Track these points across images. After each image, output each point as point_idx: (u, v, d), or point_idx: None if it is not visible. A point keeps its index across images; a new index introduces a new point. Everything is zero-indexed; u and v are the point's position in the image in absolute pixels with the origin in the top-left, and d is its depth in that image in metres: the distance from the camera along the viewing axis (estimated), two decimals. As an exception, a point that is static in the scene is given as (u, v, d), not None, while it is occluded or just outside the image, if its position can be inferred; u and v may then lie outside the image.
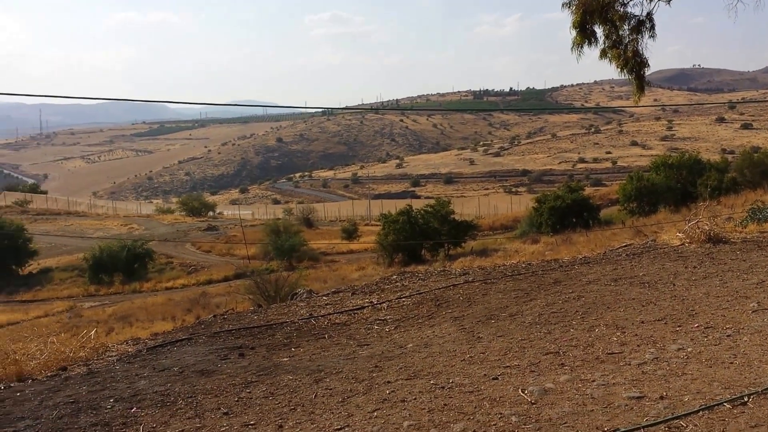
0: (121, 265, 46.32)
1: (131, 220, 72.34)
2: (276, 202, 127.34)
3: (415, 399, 4.67)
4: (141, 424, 4.55)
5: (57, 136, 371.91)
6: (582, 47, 11.74)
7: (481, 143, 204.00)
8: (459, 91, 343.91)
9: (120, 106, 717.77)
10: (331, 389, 5.06)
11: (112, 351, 6.81)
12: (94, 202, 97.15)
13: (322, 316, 7.96)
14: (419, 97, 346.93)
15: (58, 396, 5.28)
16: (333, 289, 10.26)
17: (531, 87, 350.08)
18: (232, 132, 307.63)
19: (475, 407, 4.41)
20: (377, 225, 51.23)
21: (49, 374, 6.05)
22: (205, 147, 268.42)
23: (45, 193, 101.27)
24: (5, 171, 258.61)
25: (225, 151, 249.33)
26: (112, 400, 5.06)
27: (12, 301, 43.99)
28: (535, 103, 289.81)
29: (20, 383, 5.81)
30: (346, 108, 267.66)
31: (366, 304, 8.41)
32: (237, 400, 4.96)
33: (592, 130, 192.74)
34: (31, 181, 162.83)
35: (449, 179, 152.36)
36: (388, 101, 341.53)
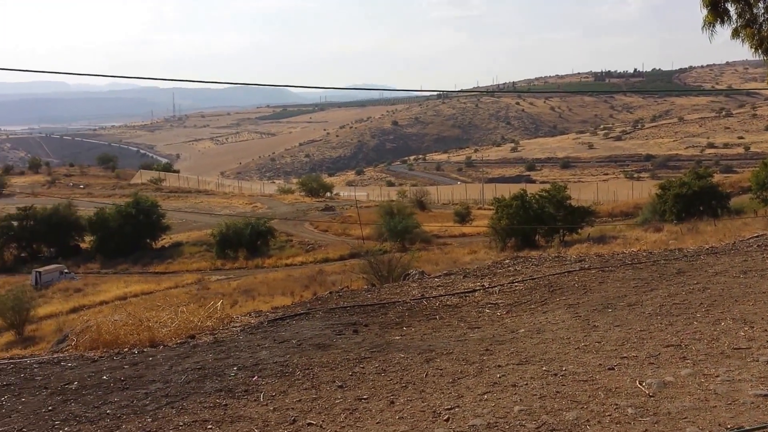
0: (245, 242, 48.40)
1: (255, 199, 75.47)
2: (390, 184, 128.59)
3: (526, 384, 4.64)
4: (261, 392, 4.80)
5: (188, 119, 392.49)
6: (714, 26, 11.00)
7: (602, 126, 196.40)
8: (579, 73, 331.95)
9: (246, 90, 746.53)
10: (441, 369, 5.12)
11: (236, 322, 7.19)
12: (222, 182, 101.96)
13: (433, 297, 8.03)
14: (537, 79, 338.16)
15: (187, 362, 5.65)
16: (445, 272, 10.31)
17: (657, 68, 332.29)
18: (350, 115, 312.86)
19: (590, 396, 4.33)
20: (490, 209, 50.65)
21: (178, 341, 6.47)
22: (324, 130, 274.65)
23: (177, 172, 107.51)
24: (142, 151, 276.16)
25: (342, 134, 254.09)
26: (235, 368, 5.37)
27: (146, 272, 47.12)
28: (660, 85, 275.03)
29: (152, 349, 6.25)
30: (462, 91, 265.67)
31: (478, 288, 8.39)
32: (351, 375, 5.13)
33: (723, 113, 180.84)
34: (164, 160, 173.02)
35: (566, 164, 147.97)
36: (504, 84, 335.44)
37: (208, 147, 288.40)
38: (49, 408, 4.67)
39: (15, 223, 53.47)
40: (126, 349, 6.21)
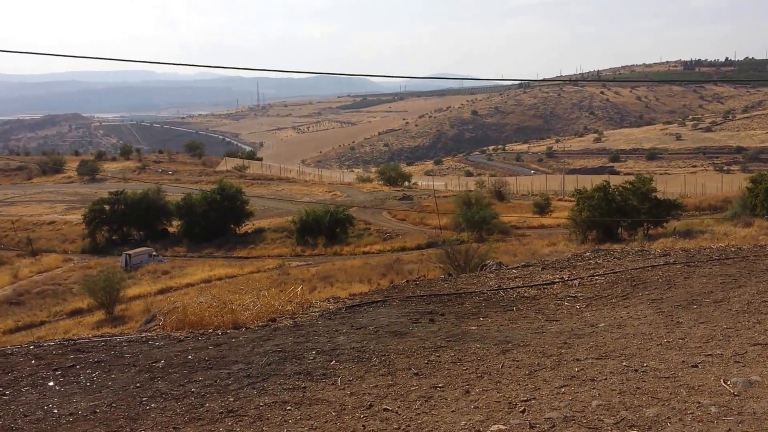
0: (325, 229, 49.14)
1: (334, 188, 76.47)
2: (468, 174, 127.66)
3: (605, 379, 4.56)
4: (339, 377, 4.90)
5: (272, 108, 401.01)
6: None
7: (690, 117, 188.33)
8: (667, 62, 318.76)
9: (328, 80, 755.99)
10: (518, 361, 5.08)
11: (315, 307, 7.35)
12: (303, 170, 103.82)
13: (510, 288, 7.95)
14: (622, 68, 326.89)
15: (268, 344, 5.82)
16: (523, 263, 10.18)
17: (750, 57, 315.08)
18: (429, 105, 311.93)
19: (671, 394, 4.21)
20: (571, 200, 49.61)
21: (260, 324, 6.66)
22: (403, 119, 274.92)
23: (260, 160, 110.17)
24: (227, 139, 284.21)
25: (422, 123, 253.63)
26: (314, 352, 5.49)
27: (230, 257, 48.57)
28: (753, 74, 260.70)
29: (235, 330, 6.46)
30: (544, 80, 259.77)
31: (556, 280, 8.26)
32: (426, 363, 5.16)
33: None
34: (248, 148, 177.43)
35: (652, 155, 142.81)
36: (588, 72, 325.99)
37: (290, 135, 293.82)
38: (137, 385, 4.91)
39: (107, 207, 56.07)
40: (210, 330, 6.45)
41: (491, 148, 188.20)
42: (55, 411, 4.46)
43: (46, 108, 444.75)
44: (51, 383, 5.03)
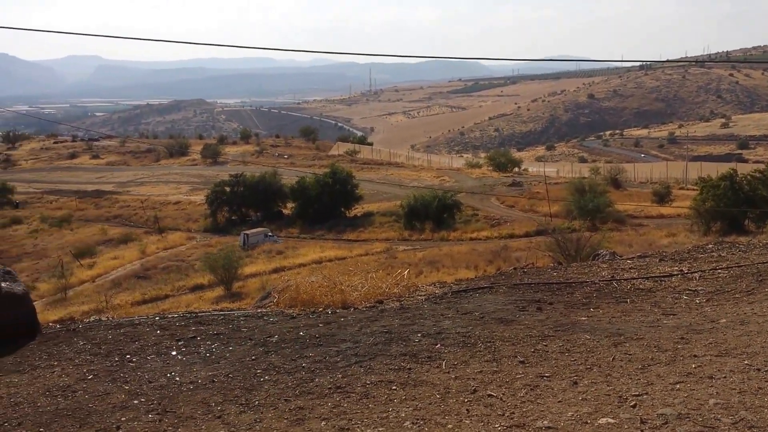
0: (432, 214, 49.20)
1: (443, 173, 76.35)
2: (582, 160, 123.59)
3: (724, 377, 4.33)
4: (444, 360, 4.93)
5: (383, 93, 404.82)
6: None
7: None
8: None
9: (439, 64, 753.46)
10: (630, 354, 4.92)
11: (422, 291, 7.41)
12: (412, 155, 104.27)
13: (624, 279, 7.68)
14: (754, 48, 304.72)
15: (375, 325, 5.94)
16: (639, 254, 9.80)
17: None
18: (543, 88, 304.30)
19: (797, 396, 3.95)
20: (694, 189, 47.07)
21: (367, 305, 6.80)
22: (515, 104, 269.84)
23: (371, 144, 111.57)
24: (339, 124, 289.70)
25: (534, 107, 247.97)
26: (419, 335, 5.55)
27: (340, 239, 49.63)
28: None
29: (344, 310, 6.63)
30: (667, 61, 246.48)
31: (675, 272, 7.90)
32: (533, 351, 5.09)
33: None
34: (359, 133, 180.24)
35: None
36: (716, 54, 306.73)
37: (400, 120, 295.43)
38: (253, 357, 5.15)
39: (227, 189, 58.72)
40: (321, 309, 6.65)
41: (608, 133, 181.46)
42: (177, 379, 4.76)
43: (174, 94, 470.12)
44: (174, 353, 5.37)
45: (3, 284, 5.95)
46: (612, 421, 3.75)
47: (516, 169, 79.45)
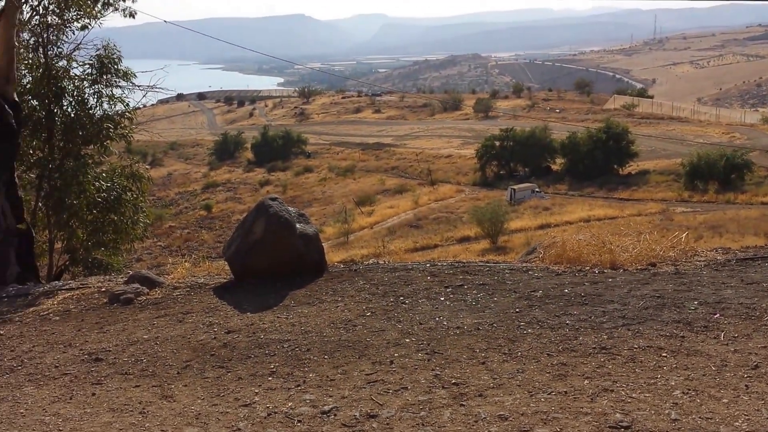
0: (718, 174, 45.05)
1: (733, 129, 68.70)
2: None
3: None
4: (722, 331, 4.57)
5: (668, 41, 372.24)
6: None
7: None
8: None
9: (735, 8, 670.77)
10: None
11: (701, 256, 6.86)
12: (697, 108, 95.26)
13: None
14: None
15: (645, 289, 5.68)
16: None
17: None
18: None
19: None
20: None
21: (638, 267, 6.50)
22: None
23: (651, 97, 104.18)
24: (617, 76, 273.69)
25: None
26: (695, 303, 5.19)
27: (610, 197, 47.63)
28: None
29: (612, 271, 6.42)
30: None
31: None
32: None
33: None
34: (639, 85, 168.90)
35: None
36: None
37: (686, 71, 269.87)
38: (516, 310, 5.27)
39: (497, 144, 59.30)
40: (587, 268, 6.52)
41: None
42: (445, 323, 5.07)
43: (450, 49, 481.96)
44: (442, 298, 5.70)
45: (298, 225, 6.77)
46: None
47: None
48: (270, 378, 4.33)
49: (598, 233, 7.48)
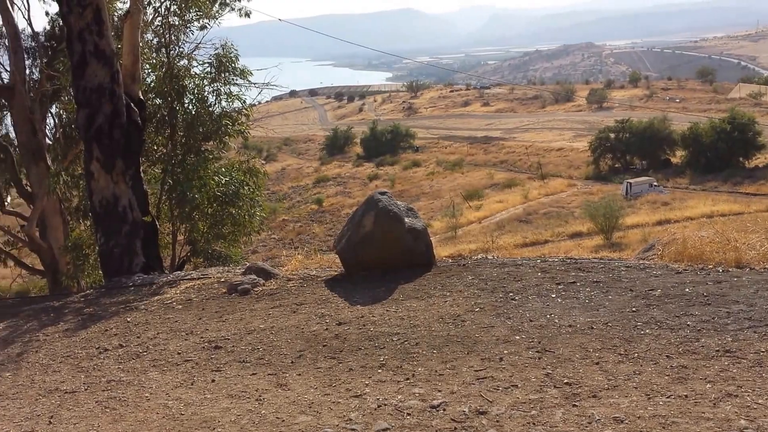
0: None
1: None
2: None
3: None
4: None
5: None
6: None
7: None
8: None
9: None
10: None
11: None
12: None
13: None
14: None
15: (776, 289, 5.31)
16: None
17: None
18: None
19: None
20: None
21: (766, 267, 6.10)
22: None
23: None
24: (742, 63, 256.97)
25: None
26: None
27: (736, 192, 45.01)
28: None
29: (738, 270, 6.04)
30: None
31: None
32: None
33: None
34: (766, 73, 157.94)
35: None
36: None
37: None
38: (633, 309, 5.06)
39: (612, 135, 57.29)
40: (710, 266, 6.18)
41: None
42: (556, 321, 4.95)
43: (563, 38, 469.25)
44: (553, 295, 5.57)
45: (406, 219, 6.82)
46: None
47: None
48: (380, 370, 4.39)
49: (722, 230, 7.07)
